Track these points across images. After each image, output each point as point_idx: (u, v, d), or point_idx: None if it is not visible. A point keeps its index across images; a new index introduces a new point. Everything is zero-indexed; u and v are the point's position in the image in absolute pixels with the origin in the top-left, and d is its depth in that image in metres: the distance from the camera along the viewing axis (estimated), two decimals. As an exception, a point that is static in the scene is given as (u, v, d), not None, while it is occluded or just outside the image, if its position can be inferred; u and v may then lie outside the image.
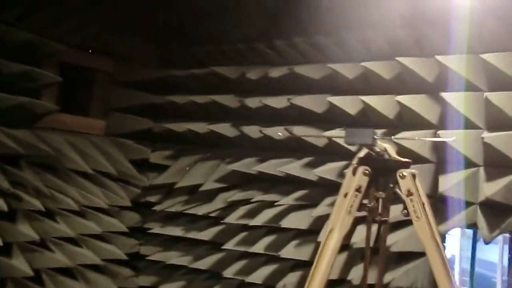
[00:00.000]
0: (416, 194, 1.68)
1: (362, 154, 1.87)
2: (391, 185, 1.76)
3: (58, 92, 2.91)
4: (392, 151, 1.85)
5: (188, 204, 3.11)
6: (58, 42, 2.75)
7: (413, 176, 1.73)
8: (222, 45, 3.04)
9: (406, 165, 1.76)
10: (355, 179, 1.77)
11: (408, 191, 1.68)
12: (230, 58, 3.02)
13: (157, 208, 3.21)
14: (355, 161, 1.85)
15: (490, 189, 2.06)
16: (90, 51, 3.09)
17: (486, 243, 2.06)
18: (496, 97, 2.07)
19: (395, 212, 1.86)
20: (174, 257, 3.11)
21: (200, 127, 3.05)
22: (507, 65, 2.08)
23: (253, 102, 2.83)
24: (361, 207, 1.77)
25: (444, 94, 2.15)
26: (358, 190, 1.75)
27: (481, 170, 2.21)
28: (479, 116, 2.20)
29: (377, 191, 1.79)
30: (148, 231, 3.22)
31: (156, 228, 3.21)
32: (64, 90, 3.06)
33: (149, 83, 3.29)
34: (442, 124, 2.28)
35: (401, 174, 1.71)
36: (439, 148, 2.28)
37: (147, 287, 3.23)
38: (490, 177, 2.16)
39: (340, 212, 1.77)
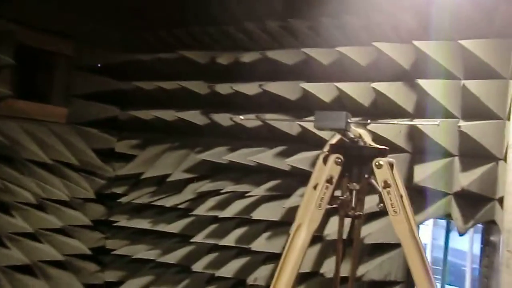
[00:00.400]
0: (394, 186, 1.50)
1: (334, 140, 1.68)
2: (366, 176, 1.59)
3: (11, 76, 2.70)
4: (367, 138, 1.66)
5: (156, 195, 2.98)
6: (12, 22, 2.56)
7: (391, 165, 1.55)
8: (191, 28, 2.89)
9: (382, 153, 1.57)
10: (326, 169, 1.57)
11: (385, 182, 1.51)
12: (199, 42, 2.88)
13: (123, 200, 3.06)
14: (326, 148, 1.66)
15: (465, 179, 2.01)
16: (49, 32, 2.90)
17: (461, 234, 2.01)
18: (474, 85, 2.01)
19: (369, 204, 1.78)
20: (142, 251, 2.98)
21: (168, 115, 2.90)
22: (485, 52, 2.02)
23: (223, 89, 2.70)
24: (333, 200, 1.59)
25: (420, 81, 2.07)
26: (329, 181, 1.55)
27: (456, 160, 2.17)
28: (455, 104, 2.14)
29: (350, 182, 1.61)
30: (114, 224, 3.07)
31: (123, 221, 3.07)
32: (22, 75, 2.86)
33: (114, 68, 3.12)
34: (418, 112, 2.22)
35: (377, 163, 1.52)
36: (415, 137, 2.21)
37: (113, 283, 3.09)
38: (466, 167, 2.11)
39: (309, 206, 1.57)
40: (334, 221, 2.14)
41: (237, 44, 2.75)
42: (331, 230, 2.20)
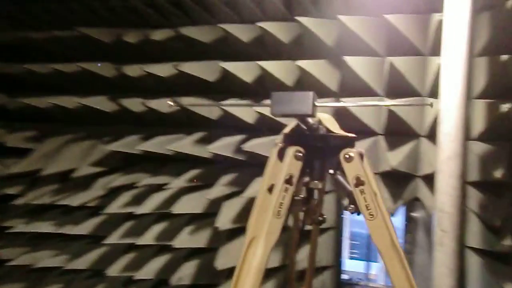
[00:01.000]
0: (368, 183, 1.22)
1: (288, 129, 1.38)
2: (331, 171, 1.29)
3: None
4: (331, 123, 1.35)
5: (59, 194, 2.62)
6: None
7: (361, 157, 1.27)
8: (92, 2, 2.54)
9: (351, 143, 1.28)
10: (284, 166, 1.27)
11: (357, 179, 1.22)
12: (100, 17, 2.54)
13: (18, 201, 2.65)
14: (280, 139, 1.36)
15: (394, 158, 1.97)
16: None
17: (391, 215, 1.98)
18: (398, 62, 1.96)
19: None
20: (45, 258, 2.62)
21: (69, 102, 2.55)
22: (410, 28, 1.98)
23: (133, 70, 2.42)
24: (294, 205, 1.29)
25: (347, 58, 1.99)
26: (288, 181, 1.26)
27: (381, 138, 2.13)
28: (379, 82, 2.09)
29: (311, 181, 1.32)
30: (8, 231, 2.65)
31: (19, 226, 2.67)
32: None
33: (0, 49, 2.67)
34: (343, 91, 2.14)
35: (346, 156, 1.24)
36: (342, 117, 2.13)
37: (11, 297, 2.70)
38: (392, 146, 2.08)
39: (265, 215, 1.25)
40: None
41: (146, 20, 2.46)
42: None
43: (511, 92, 1.75)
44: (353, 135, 1.30)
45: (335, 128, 1.34)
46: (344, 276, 2.57)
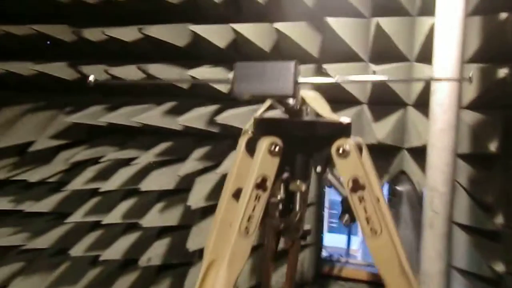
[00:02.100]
0: (369, 187, 0.90)
1: (261, 112, 1.03)
2: (319, 169, 0.96)
3: None
4: (320, 104, 1.00)
5: (17, 168, 2.42)
6: None
7: (360, 151, 0.95)
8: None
9: (346, 131, 0.94)
10: (255, 165, 0.92)
11: (355, 181, 0.90)
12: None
13: (-28, 177, 2.44)
14: (249, 126, 1.02)
15: (380, 130, 1.83)
16: None
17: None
18: (385, 23, 1.79)
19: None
20: (4, 236, 2.43)
21: (24, 68, 2.31)
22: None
23: (93, 34, 2.19)
24: (268, 216, 0.97)
25: (330, 20, 1.81)
26: (261, 185, 0.92)
27: (366, 108, 1.99)
28: (363, 46, 1.93)
29: (292, 180, 0.98)
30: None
31: (-26, 203, 2.47)
32: None
33: None
34: (324, 57, 1.97)
35: (340, 150, 0.91)
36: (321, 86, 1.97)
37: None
38: (377, 117, 1.94)
39: (229, 231, 0.92)
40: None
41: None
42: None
43: (506, 55, 1.61)
44: (347, 120, 0.95)
45: (325, 110, 0.98)
46: (324, 253, 2.48)
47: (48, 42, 2.20)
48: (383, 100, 1.94)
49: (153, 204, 2.17)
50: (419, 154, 1.71)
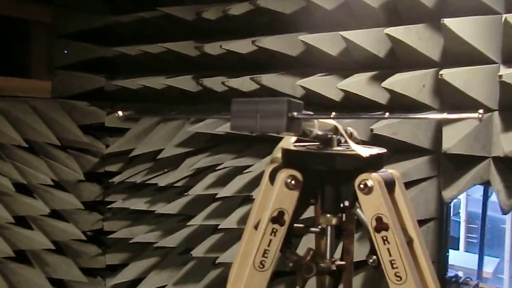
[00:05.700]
0: (393, 227, 0.82)
1: (287, 143, 1.02)
2: (347, 203, 0.90)
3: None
4: (350, 134, 0.96)
5: (152, 173, 2.69)
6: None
7: (388, 185, 0.87)
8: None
9: (369, 164, 0.87)
10: (271, 197, 0.89)
11: (379, 220, 0.83)
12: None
13: (116, 179, 2.79)
14: (272, 158, 1.01)
15: (508, 142, 1.60)
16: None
17: (504, 213, 1.62)
18: (517, 20, 1.56)
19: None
20: (141, 233, 2.73)
21: (156, 82, 2.56)
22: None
23: (213, 48, 2.32)
24: (287, 252, 0.91)
25: (447, 21, 1.64)
26: (277, 219, 0.88)
27: (496, 115, 1.75)
28: (494, 47, 1.71)
29: (322, 214, 0.95)
30: (110, 206, 2.82)
31: (119, 202, 2.81)
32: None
33: (96, 33, 2.78)
34: (445, 61, 1.79)
35: (362, 184, 0.85)
36: (442, 91, 1.80)
37: (115, 266, 2.89)
38: (508, 125, 1.69)
39: (246, 263, 0.88)
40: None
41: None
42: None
43: None
44: (380, 151, 0.88)
45: (352, 139, 0.92)
46: (450, 273, 2.26)
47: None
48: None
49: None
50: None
